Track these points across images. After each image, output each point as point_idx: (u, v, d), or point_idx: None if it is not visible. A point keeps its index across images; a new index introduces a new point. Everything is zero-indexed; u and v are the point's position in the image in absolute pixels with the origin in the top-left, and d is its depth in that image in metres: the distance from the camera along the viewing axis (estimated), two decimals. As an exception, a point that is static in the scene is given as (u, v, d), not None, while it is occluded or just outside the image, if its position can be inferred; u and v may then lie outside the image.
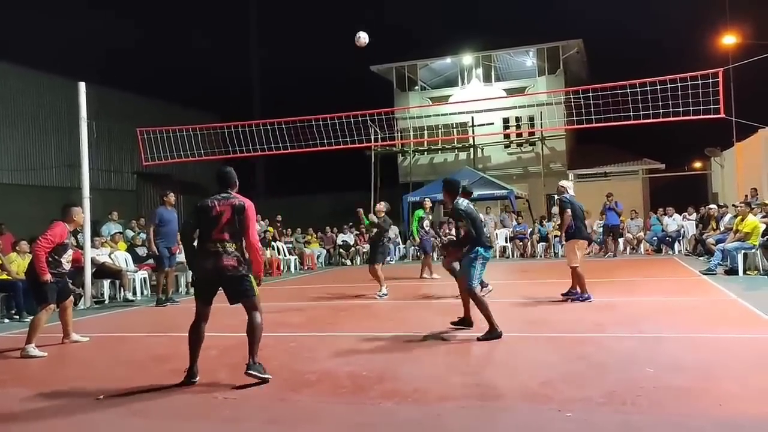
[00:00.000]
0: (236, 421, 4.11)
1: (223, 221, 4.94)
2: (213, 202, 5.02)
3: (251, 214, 5.08)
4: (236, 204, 5.01)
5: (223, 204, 4.99)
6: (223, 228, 4.93)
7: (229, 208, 4.97)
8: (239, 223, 4.99)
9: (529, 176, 28.66)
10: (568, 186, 9.52)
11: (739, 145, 22.47)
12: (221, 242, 4.92)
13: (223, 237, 4.93)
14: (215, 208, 4.98)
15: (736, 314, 7.47)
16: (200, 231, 5.07)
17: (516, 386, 4.63)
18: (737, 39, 23.00)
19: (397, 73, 30.72)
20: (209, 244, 4.93)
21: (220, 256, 4.89)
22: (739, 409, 3.89)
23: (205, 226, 4.99)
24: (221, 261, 4.88)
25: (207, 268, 4.94)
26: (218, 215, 4.95)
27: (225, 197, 5.06)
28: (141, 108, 26.82)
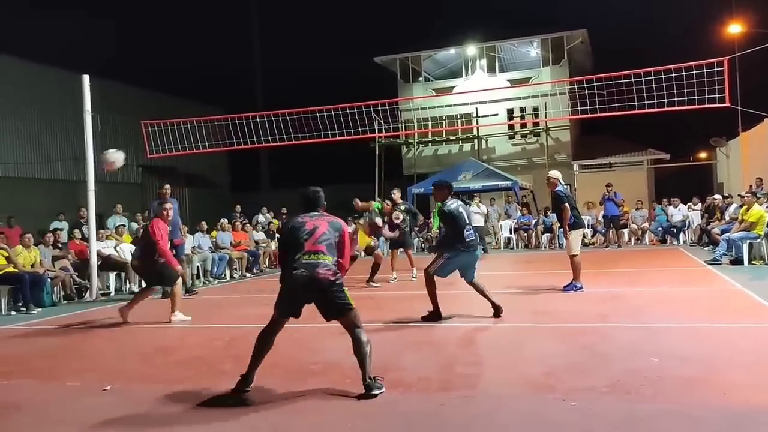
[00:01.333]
0: (243, 411, 4.13)
1: (317, 234, 4.57)
2: (304, 218, 4.69)
3: (347, 235, 4.76)
4: (332, 220, 4.72)
5: (317, 219, 4.68)
6: (317, 240, 4.55)
7: (325, 222, 4.65)
8: (335, 240, 4.63)
9: (533, 167, 28.55)
10: (559, 176, 9.50)
11: (745, 135, 22.34)
12: (316, 254, 4.51)
13: (318, 249, 4.53)
14: (308, 223, 4.64)
15: (741, 304, 7.46)
16: (293, 247, 4.61)
17: (520, 376, 4.65)
18: (743, 27, 22.83)
19: (401, 64, 30.62)
20: (303, 256, 4.51)
21: (315, 266, 4.45)
22: (744, 399, 3.90)
23: (298, 241, 4.57)
24: (316, 271, 4.43)
25: (299, 278, 4.45)
26: (312, 229, 4.59)
27: (317, 215, 4.75)
28: (145, 101, 26.88)
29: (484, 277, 12.25)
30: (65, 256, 11.70)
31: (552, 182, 9.37)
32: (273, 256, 16.33)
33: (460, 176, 22.05)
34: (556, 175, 9.52)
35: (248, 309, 9.05)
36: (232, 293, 11.23)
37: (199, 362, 5.66)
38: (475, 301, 7.45)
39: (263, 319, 7.82)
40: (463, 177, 21.98)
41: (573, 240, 9.12)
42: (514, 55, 31.12)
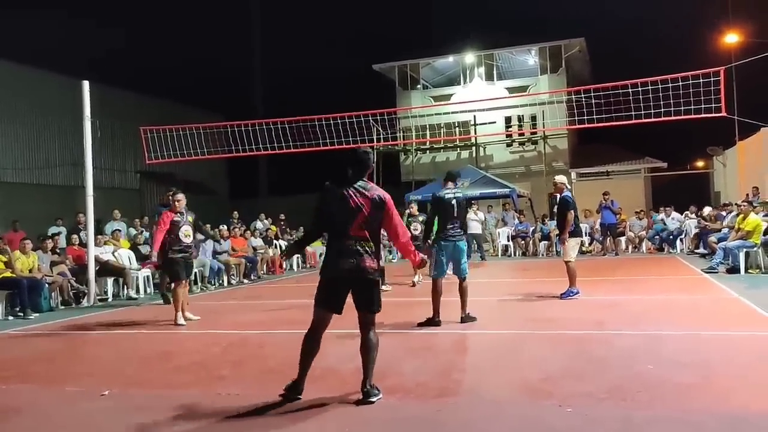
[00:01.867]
0: (238, 417, 4.15)
1: (362, 217, 4.29)
2: (350, 191, 4.32)
3: (393, 208, 4.47)
4: (376, 198, 4.34)
5: (362, 196, 4.32)
6: (362, 224, 4.30)
7: (369, 202, 4.32)
8: (379, 221, 4.41)
9: (531, 175, 28.64)
10: (566, 181, 9.53)
11: (741, 144, 22.46)
12: (361, 240, 4.31)
13: (363, 234, 4.31)
14: (353, 198, 4.30)
15: (737, 312, 7.49)
16: (333, 223, 4.39)
17: (517, 382, 4.67)
18: (739, 37, 22.98)
19: (400, 71, 30.73)
20: (348, 241, 4.28)
21: (362, 256, 4.28)
22: (741, 404, 3.93)
23: (340, 218, 4.31)
24: (363, 262, 4.28)
25: (344, 268, 4.26)
26: (357, 208, 4.28)
27: (362, 188, 4.36)
28: (145, 107, 26.90)
29: (482, 283, 12.38)
30: (63, 262, 11.71)
31: (559, 187, 9.39)
32: (271, 262, 16.35)
33: (458, 183, 22.11)
34: (562, 179, 9.55)
35: (246, 315, 9.08)
36: (230, 299, 11.24)
37: (198, 367, 5.67)
38: (473, 308, 7.49)
39: (260, 326, 7.93)
40: (461, 184, 21.98)
41: (571, 247, 9.16)
42: (512, 63, 31.26)
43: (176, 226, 8.19)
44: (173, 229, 8.18)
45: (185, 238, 8.26)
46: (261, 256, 15.81)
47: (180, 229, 8.21)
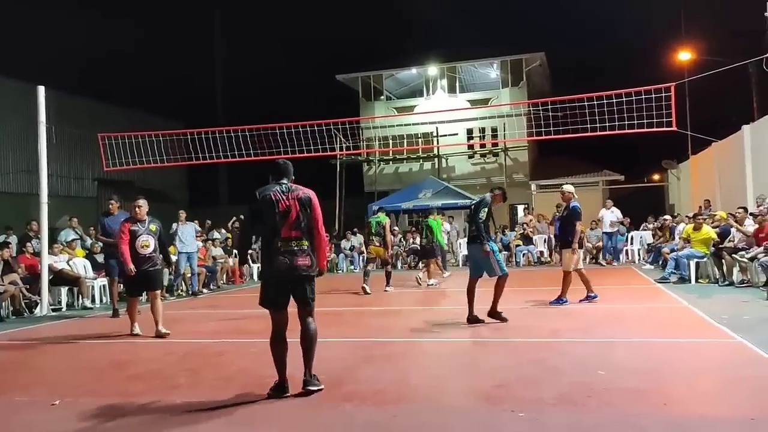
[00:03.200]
0: (194, 424, 4.12)
1: (292, 217, 4.60)
2: (277, 195, 4.63)
3: (317, 205, 4.79)
4: (302, 197, 4.68)
5: (290, 197, 4.64)
6: (293, 225, 4.59)
7: (296, 201, 4.64)
8: (308, 218, 4.69)
9: (492, 186, 28.97)
10: (573, 190, 9.56)
11: (694, 158, 23.14)
12: (295, 240, 4.60)
13: (295, 234, 4.60)
14: (282, 201, 4.62)
15: (686, 320, 7.73)
16: (266, 228, 4.63)
17: (472, 388, 4.74)
18: (692, 55, 23.74)
19: (363, 82, 30.88)
20: (281, 243, 4.57)
21: (296, 255, 4.57)
22: (684, 409, 4.06)
23: (272, 222, 4.59)
24: (297, 260, 4.57)
25: (281, 269, 4.55)
26: (287, 210, 4.60)
27: (288, 188, 4.70)
28: (103, 114, 26.47)
29: (444, 293, 12.48)
30: (15, 270, 11.41)
31: (567, 196, 9.47)
32: (231, 272, 16.20)
33: (420, 194, 22.29)
34: (570, 189, 9.60)
35: (204, 324, 8.98)
36: (188, 309, 11.10)
37: (153, 376, 5.60)
38: (438, 316, 7.56)
39: (219, 335, 7.87)
40: (423, 195, 22.21)
41: (571, 258, 9.31)
42: (474, 76, 31.70)
43: (133, 237, 7.69)
44: (130, 239, 7.70)
45: (142, 249, 7.70)
46: (221, 265, 15.66)
47: (137, 239, 7.69)
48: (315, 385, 4.63)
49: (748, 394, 4.38)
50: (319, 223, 4.79)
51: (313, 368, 4.75)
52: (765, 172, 14.74)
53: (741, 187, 16.39)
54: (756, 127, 16.26)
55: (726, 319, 7.24)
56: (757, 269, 10.14)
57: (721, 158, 18.98)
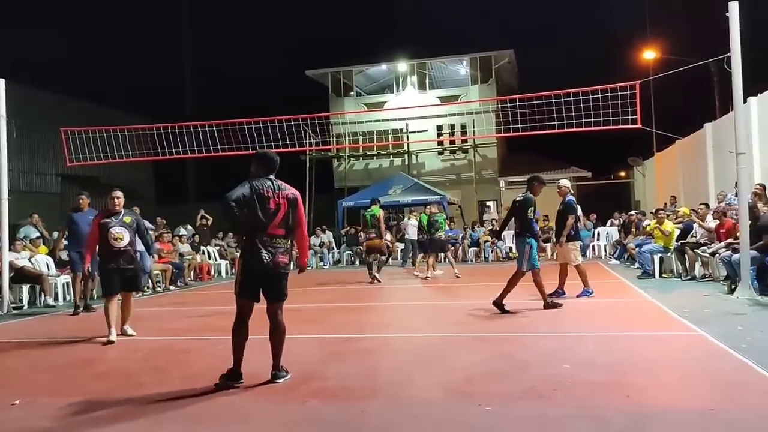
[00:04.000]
0: (160, 422, 4.07)
1: (280, 216, 4.73)
2: (268, 191, 4.72)
3: (302, 206, 4.93)
4: (291, 197, 4.81)
5: (280, 196, 4.75)
6: (280, 223, 4.73)
7: (285, 201, 4.76)
8: (293, 218, 4.82)
9: (461, 183, 29.20)
10: (569, 185, 9.71)
11: (659, 155, 23.61)
12: (278, 238, 4.74)
13: (280, 232, 4.74)
14: (273, 199, 4.71)
15: (650, 314, 7.88)
16: (253, 221, 4.70)
17: (440, 383, 4.77)
18: (657, 54, 24.18)
19: (333, 78, 30.79)
20: (266, 238, 4.69)
21: (278, 253, 4.71)
22: (646, 401, 4.14)
23: (261, 217, 4.67)
24: (278, 257, 4.71)
25: (263, 264, 4.67)
26: (277, 208, 4.72)
27: (278, 187, 4.79)
28: (67, 108, 25.88)
29: (413, 288, 12.52)
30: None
31: (563, 190, 9.59)
32: (198, 269, 16.02)
33: (390, 190, 22.32)
34: (566, 183, 9.76)
35: (170, 322, 8.87)
36: (154, 306, 10.94)
37: (118, 375, 5.52)
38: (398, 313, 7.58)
39: (185, 332, 7.78)
40: (393, 191, 22.25)
41: (574, 251, 9.47)
42: (443, 72, 31.84)
43: (105, 229, 7.22)
44: (102, 231, 7.24)
45: (115, 241, 7.19)
46: (188, 262, 15.48)
47: (109, 231, 7.20)
48: (283, 377, 4.85)
49: (708, 385, 4.49)
50: (303, 223, 4.95)
51: (283, 362, 4.89)
52: (726, 168, 15.08)
53: (703, 184, 16.77)
54: (718, 125, 16.63)
55: (687, 313, 7.40)
56: (717, 264, 10.37)
57: (685, 155, 19.39)
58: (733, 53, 8.87)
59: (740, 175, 9.05)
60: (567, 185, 9.72)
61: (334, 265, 20.46)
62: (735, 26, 8.83)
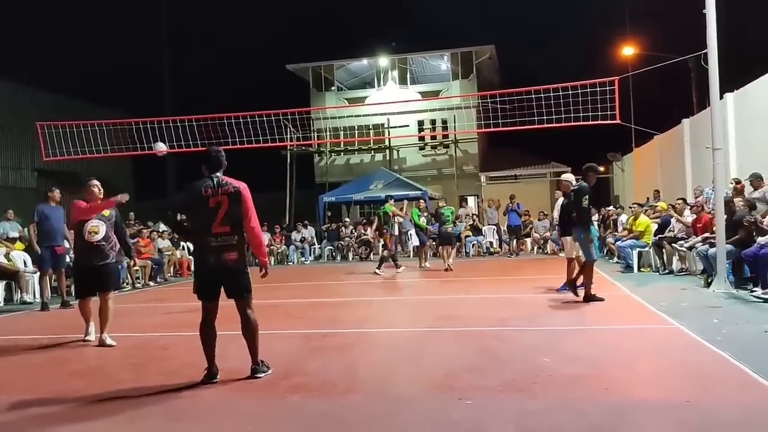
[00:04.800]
0: (139, 419, 4.04)
1: (221, 214, 4.67)
2: (207, 190, 4.69)
3: (248, 198, 4.80)
4: (231, 191, 4.73)
5: (221, 194, 4.70)
6: (222, 221, 4.68)
7: (226, 197, 4.70)
8: (237, 213, 4.73)
9: (442, 178, 29.27)
10: (572, 179, 9.58)
11: (638, 151, 23.83)
12: (223, 236, 4.68)
13: (225, 230, 4.69)
14: (213, 198, 4.68)
15: (628, 308, 7.97)
16: (196, 222, 4.79)
17: (421, 377, 4.78)
18: (636, 50, 24.39)
19: (314, 72, 30.66)
20: (210, 238, 4.67)
21: (222, 251, 4.67)
22: (624, 393, 4.18)
23: (202, 218, 4.71)
24: (223, 255, 4.67)
25: (210, 264, 4.69)
26: (217, 207, 4.67)
27: (218, 184, 4.73)
28: (43, 103, 25.50)
29: (394, 283, 12.54)
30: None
31: (565, 185, 9.49)
32: (178, 264, 15.91)
33: (372, 185, 22.31)
34: (569, 178, 9.64)
35: (149, 318, 8.81)
36: (133, 302, 10.85)
37: (95, 372, 5.46)
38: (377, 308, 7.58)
39: (164, 328, 7.72)
40: (374, 186, 22.25)
41: (573, 245, 9.25)
42: (425, 68, 31.84)
43: (81, 221, 6.68)
44: (78, 227, 6.70)
45: (90, 235, 6.59)
46: (168, 258, 15.36)
47: (86, 223, 6.63)
48: (263, 372, 4.85)
49: (684, 377, 4.55)
50: (250, 217, 4.81)
51: (263, 357, 4.91)
52: (703, 164, 15.26)
53: (681, 179, 16.96)
54: (695, 120, 16.82)
55: (665, 306, 7.50)
56: (694, 258, 10.51)
57: (663, 151, 19.60)
58: (710, 50, 8.97)
59: (716, 170, 9.17)
60: (570, 179, 9.58)
61: (316, 260, 20.42)
62: (712, 23, 8.92)
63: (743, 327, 6.11)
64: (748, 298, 7.89)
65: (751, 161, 11.87)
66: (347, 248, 20.16)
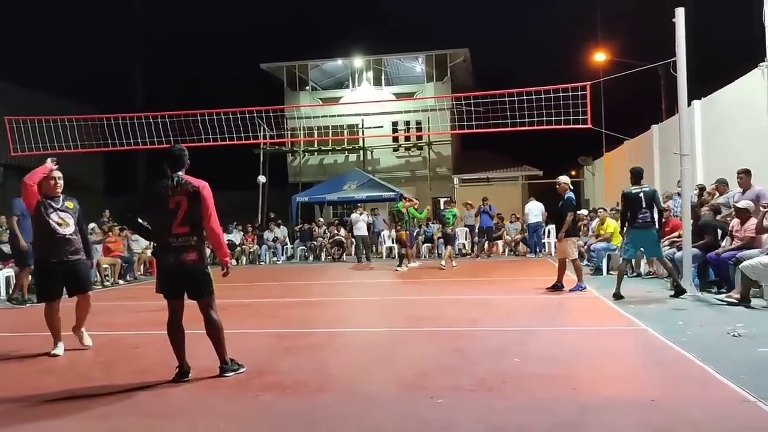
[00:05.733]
0: (110, 417, 4.01)
1: (181, 215, 4.63)
2: (167, 191, 4.66)
3: (208, 197, 4.74)
4: (191, 191, 4.67)
5: (179, 194, 4.65)
6: (182, 222, 4.64)
7: (185, 198, 4.65)
8: (197, 213, 4.69)
9: (416, 179, 29.40)
10: (569, 182, 9.88)
11: (608, 155, 24.19)
12: (183, 236, 4.66)
13: (184, 230, 4.66)
14: (171, 198, 4.64)
15: (597, 310, 8.10)
16: (157, 223, 4.78)
17: (392, 377, 4.82)
18: (607, 56, 24.78)
19: (288, 72, 30.56)
20: (170, 238, 4.65)
21: (182, 251, 4.65)
22: (591, 391, 4.27)
23: (161, 218, 4.69)
24: (182, 256, 4.65)
25: (170, 265, 4.69)
26: (176, 208, 4.63)
27: (178, 183, 4.67)
28: (11, 97, 24.99)
29: (367, 284, 12.57)
30: None
31: (562, 187, 9.72)
32: (148, 262, 15.73)
33: (345, 186, 22.32)
34: (566, 180, 9.89)
35: (119, 317, 8.71)
36: (103, 301, 10.69)
37: (65, 370, 5.40)
38: (365, 308, 7.60)
39: (134, 327, 7.64)
40: (347, 187, 22.25)
41: (570, 246, 9.61)
42: (399, 69, 31.96)
43: (45, 212, 5.86)
44: (38, 215, 5.87)
45: (60, 227, 5.87)
46: (138, 256, 15.17)
47: (48, 216, 5.84)
48: (233, 370, 4.86)
49: (650, 377, 4.66)
50: (209, 216, 4.75)
51: (233, 359, 4.92)
52: (671, 169, 15.57)
53: (649, 183, 17.24)
54: (664, 126, 17.16)
55: (632, 308, 7.65)
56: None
57: (633, 155, 19.90)
58: (678, 58, 9.16)
59: (684, 176, 9.37)
60: (566, 182, 9.87)
61: (288, 260, 20.33)
62: (681, 32, 9.11)
63: (707, 329, 6.26)
64: (713, 300, 8.08)
65: (717, 167, 12.16)
66: (320, 248, 20.12)
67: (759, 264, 7.34)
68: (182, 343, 4.81)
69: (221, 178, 32.80)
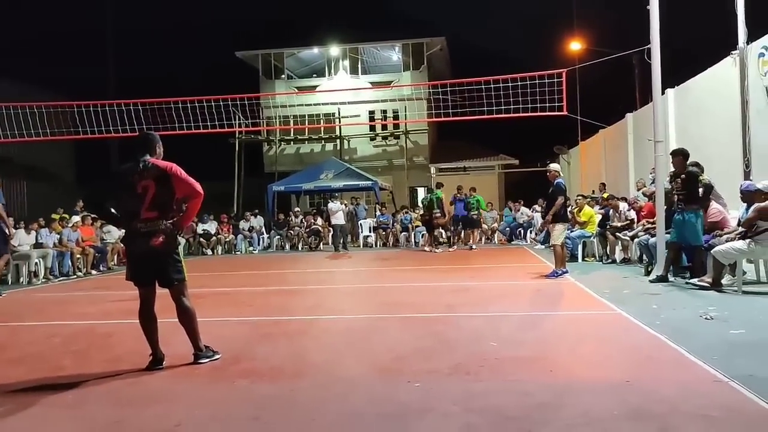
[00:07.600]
0: (82, 406, 3.93)
1: (148, 199, 4.55)
2: (134, 177, 4.56)
3: (180, 172, 4.60)
4: (158, 174, 4.57)
5: (147, 178, 4.55)
6: (150, 206, 4.56)
7: (152, 182, 4.55)
8: (166, 196, 4.59)
9: (393, 168, 29.38)
10: (559, 169, 10.02)
11: (583, 144, 24.37)
12: (151, 221, 4.57)
13: (152, 215, 4.57)
14: (138, 184, 4.55)
15: (572, 295, 8.18)
16: (124, 209, 4.71)
17: (370, 362, 4.80)
18: (583, 45, 24.92)
19: (264, 60, 30.26)
20: (138, 224, 4.58)
21: (151, 237, 4.56)
22: (566, 374, 4.30)
23: (130, 204, 4.61)
24: (153, 242, 4.56)
25: (139, 250, 4.62)
26: (143, 193, 4.55)
27: (145, 166, 4.58)
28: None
29: (344, 272, 12.55)
30: None
31: (552, 174, 9.86)
32: (121, 252, 15.50)
33: (322, 175, 22.20)
34: (556, 167, 10.09)
35: (91, 306, 8.58)
36: (75, 291, 10.54)
37: (35, 359, 5.29)
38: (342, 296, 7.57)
39: (107, 316, 7.53)
40: (324, 176, 22.14)
41: (557, 232, 9.67)
42: (376, 58, 31.82)
43: None
44: None
45: None
46: (111, 246, 14.96)
47: None
48: (207, 357, 4.83)
49: (624, 359, 4.70)
50: (189, 187, 4.61)
51: (210, 344, 4.88)
52: (645, 157, 15.74)
53: (624, 171, 17.44)
54: (638, 115, 17.30)
55: (607, 293, 7.73)
56: (635, 248, 10.85)
57: (608, 144, 20.10)
58: (653, 46, 9.22)
59: (657, 162, 9.46)
60: (556, 168, 10.10)
61: (264, 250, 20.21)
62: (655, 20, 9.17)
63: (680, 312, 6.35)
64: (685, 285, 8.20)
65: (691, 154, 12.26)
66: (297, 238, 20.02)
67: (731, 249, 7.46)
68: (155, 330, 4.74)
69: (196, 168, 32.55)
